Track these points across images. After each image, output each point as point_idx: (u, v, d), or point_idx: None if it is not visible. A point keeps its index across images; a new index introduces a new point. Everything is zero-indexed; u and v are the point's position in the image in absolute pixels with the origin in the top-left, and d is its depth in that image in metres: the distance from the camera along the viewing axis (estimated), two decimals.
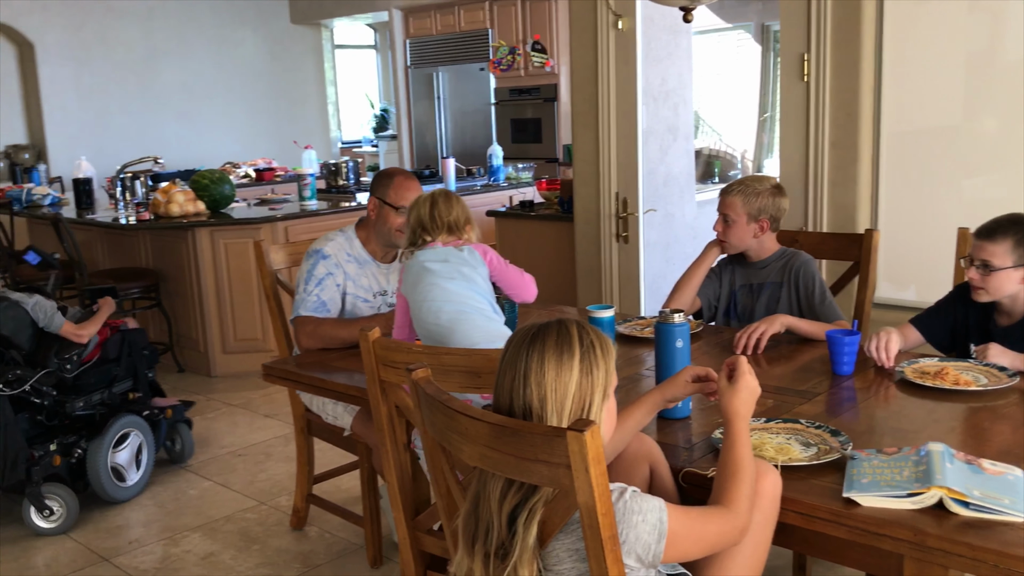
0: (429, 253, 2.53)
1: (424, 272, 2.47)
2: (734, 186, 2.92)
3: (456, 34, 8.85)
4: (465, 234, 2.62)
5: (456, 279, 2.46)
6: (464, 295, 2.43)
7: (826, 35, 3.52)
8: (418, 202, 2.60)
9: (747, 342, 2.61)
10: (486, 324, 2.39)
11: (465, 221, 2.62)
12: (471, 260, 2.56)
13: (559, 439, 1.35)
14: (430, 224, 2.57)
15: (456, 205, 2.60)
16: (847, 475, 1.73)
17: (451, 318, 2.36)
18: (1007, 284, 2.40)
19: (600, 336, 1.50)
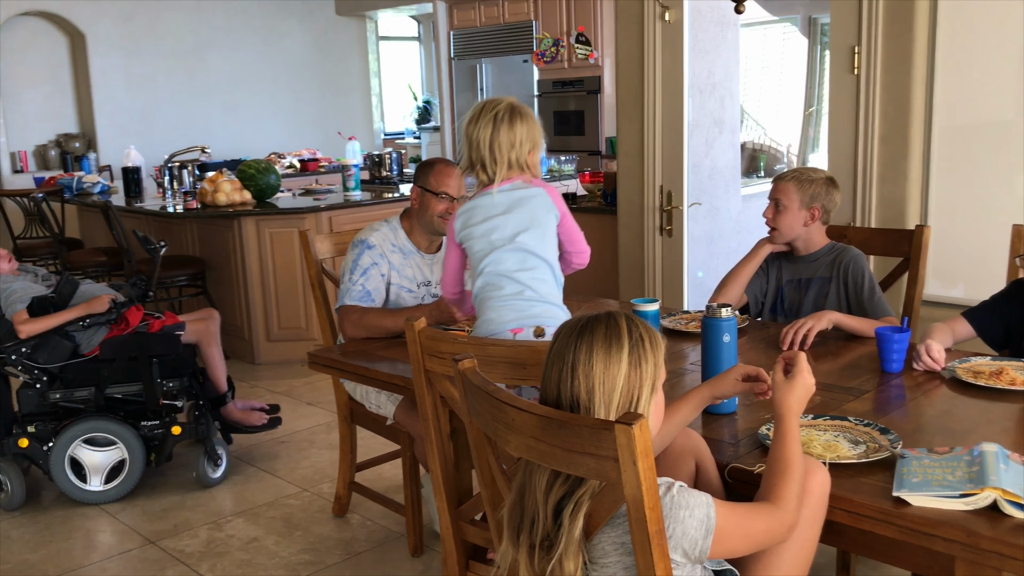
0: (485, 201, 2.34)
1: (481, 220, 2.33)
2: (788, 173, 2.89)
3: (500, 26, 8.84)
4: (530, 169, 2.36)
5: (516, 240, 2.30)
6: (523, 262, 2.30)
7: (877, 27, 3.46)
8: (479, 119, 2.33)
9: (794, 338, 2.58)
10: (521, 304, 2.28)
11: (531, 148, 2.34)
12: (539, 208, 2.33)
13: (607, 432, 1.34)
14: (488, 156, 2.32)
15: (521, 127, 2.32)
16: (897, 474, 1.70)
17: (491, 291, 2.31)
18: None
19: (649, 329, 1.49)
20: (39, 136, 8.71)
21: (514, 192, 2.35)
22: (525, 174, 2.36)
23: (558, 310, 2.34)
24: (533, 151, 2.36)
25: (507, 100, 2.36)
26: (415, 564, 3.02)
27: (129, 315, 3.67)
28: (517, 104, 2.37)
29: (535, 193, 2.36)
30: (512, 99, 2.38)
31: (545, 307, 2.31)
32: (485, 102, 2.35)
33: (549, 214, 2.36)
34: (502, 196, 2.35)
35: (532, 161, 2.36)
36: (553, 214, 2.37)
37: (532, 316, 2.28)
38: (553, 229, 2.38)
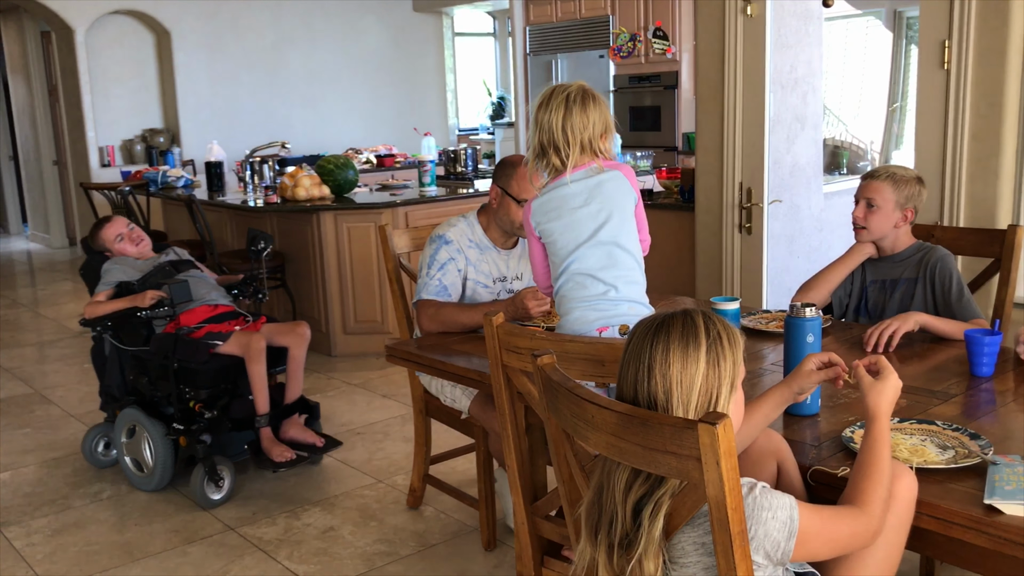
0: (561, 192, 2.30)
1: (559, 214, 2.28)
2: (880, 172, 2.81)
3: (576, 21, 8.82)
4: (603, 153, 2.29)
5: (598, 235, 2.25)
6: (607, 258, 2.26)
7: (970, 21, 3.35)
8: (549, 102, 2.28)
9: (879, 339, 2.52)
10: (605, 305, 2.25)
11: (603, 131, 2.28)
12: (617, 193, 2.27)
13: (690, 431, 1.33)
14: (561, 139, 2.26)
15: (594, 109, 2.26)
16: (988, 481, 1.65)
17: (575, 291, 2.28)
18: None
19: (727, 327, 1.47)
20: (126, 131, 9.00)
21: (590, 179, 2.30)
22: (599, 158, 2.30)
23: (643, 308, 2.31)
24: (606, 134, 2.30)
25: (578, 83, 2.31)
26: (488, 558, 3.04)
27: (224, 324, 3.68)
28: (588, 88, 2.32)
29: (612, 176, 2.30)
30: (583, 83, 2.33)
31: (629, 306, 2.29)
32: (555, 87, 2.30)
33: (627, 197, 2.31)
34: (578, 185, 2.30)
35: (605, 145, 2.30)
36: (631, 197, 2.32)
37: (617, 316, 2.27)
38: (632, 213, 2.33)
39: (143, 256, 3.90)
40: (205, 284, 3.87)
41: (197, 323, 3.65)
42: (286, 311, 5.75)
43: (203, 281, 3.89)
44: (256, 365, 3.55)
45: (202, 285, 3.84)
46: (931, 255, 2.79)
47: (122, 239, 3.86)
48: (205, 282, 3.89)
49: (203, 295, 3.79)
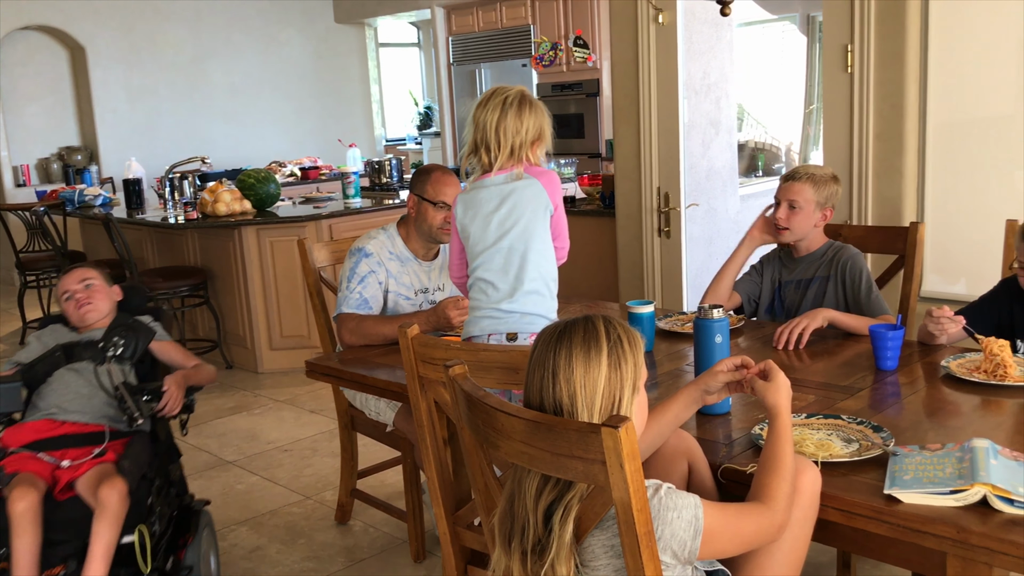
0: (482, 194, 2.30)
1: (475, 215, 2.29)
2: (799, 173, 2.87)
3: (498, 31, 8.86)
4: (530, 160, 2.28)
5: (503, 240, 2.26)
6: (509, 265, 2.27)
7: (870, 25, 3.47)
8: (487, 103, 2.28)
9: (789, 337, 2.59)
10: (500, 315, 2.26)
11: (535, 139, 2.27)
12: (531, 201, 2.26)
13: (594, 435, 1.35)
14: (492, 140, 2.25)
15: (529, 116, 2.25)
16: (889, 471, 1.71)
17: (478, 294, 2.29)
18: None
19: (628, 330, 1.50)
20: (41, 149, 8.76)
21: (507, 184, 2.29)
22: (523, 164, 2.29)
23: (539, 319, 2.30)
24: (538, 143, 2.29)
25: (519, 88, 2.30)
26: (417, 570, 3.03)
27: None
28: (528, 94, 2.31)
29: (528, 184, 2.29)
30: (523, 88, 2.32)
31: (522, 316, 2.29)
32: (496, 88, 2.30)
33: (541, 206, 2.29)
34: (496, 189, 2.30)
35: (535, 153, 2.29)
36: (546, 206, 2.29)
37: (508, 325, 2.29)
38: (545, 223, 2.31)
39: (85, 325, 2.86)
40: (77, 388, 2.71)
41: (21, 445, 2.56)
42: (210, 328, 5.67)
43: (77, 382, 2.72)
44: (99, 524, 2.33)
45: (71, 388, 2.71)
46: (842, 254, 2.88)
47: (68, 298, 2.86)
48: (79, 385, 2.72)
49: (59, 403, 2.68)
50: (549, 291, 2.34)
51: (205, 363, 2.97)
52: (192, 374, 2.86)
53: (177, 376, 2.78)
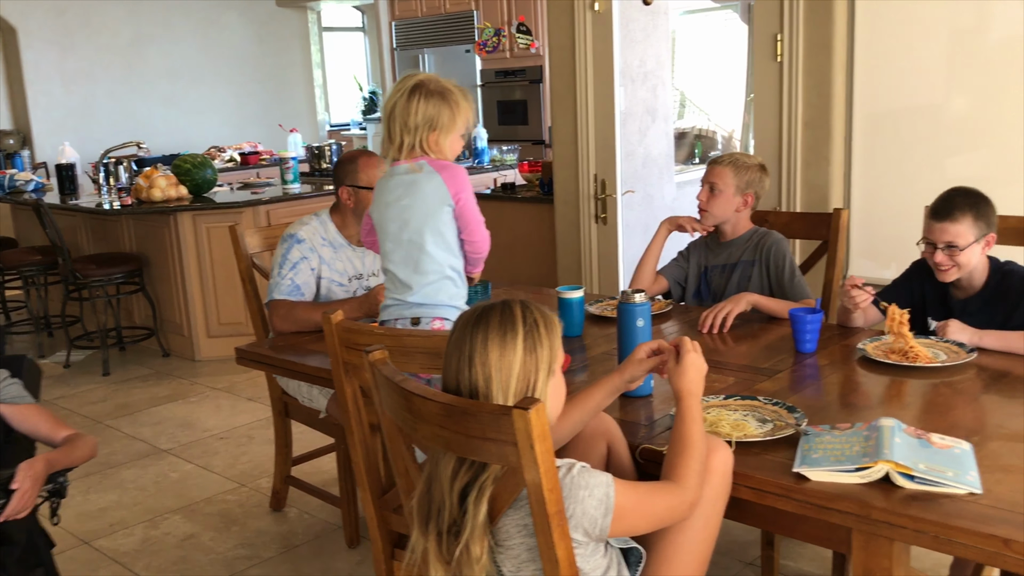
0: (389, 183, 2.29)
1: (382, 205, 2.29)
2: (724, 158, 2.95)
3: (441, 16, 8.83)
4: (432, 150, 2.23)
5: (402, 233, 2.26)
6: (407, 257, 2.28)
7: (798, 15, 3.53)
8: (394, 92, 2.24)
9: (713, 321, 2.65)
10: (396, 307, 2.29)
11: (433, 129, 2.21)
12: (429, 195, 2.23)
13: (506, 417, 1.38)
14: (394, 129, 2.22)
15: (425, 105, 2.20)
16: (799, 450, 1.76)
17: (387, 283, 2.32)
18: (974, 257, 2.43)
19: (544, 314, 1.53)
20: None
21: (408, 175, 2.28)
22: (428, 156, 2.27)
23: (439, 307, 2.31)
24: (437, 133, 2.24)
25: (422, 76, 2.26)
26: (351, 555, 3.04)
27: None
28: (430, 82, 2.25)
29: (428, 177, 2.25)
30: (428, 76, 2.27)
31: (421, 308, 2.31)
32: (407, 75, 2.29)
33: (440, 200, 2.26)
34: (399, 180, 2.29)
35: (435, 143, 2.25)
36: (445, 202, 2.26)
37: (404, 319, 2.31)
38: (445, 218, 2.28)
39: None
40: None
41: None
42: (147, 317, 5.59)
43: None
44: None
45: None
46: (767, 239, 2.94)
47: None
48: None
49: None
50: (453, 281, 2.34)
51: (83, 435, 2.25)
52: (61, 456, 2.14)
53: (37, 464, 2.05)
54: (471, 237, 2.34)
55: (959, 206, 2.39)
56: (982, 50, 3.30)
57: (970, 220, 2.39)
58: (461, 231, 2.34)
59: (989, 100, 3.30)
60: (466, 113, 2.28)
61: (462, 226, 2.33)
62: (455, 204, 2.28)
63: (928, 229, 2.45)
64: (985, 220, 2.41)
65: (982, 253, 2.43)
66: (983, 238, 2.41)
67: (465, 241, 2.35)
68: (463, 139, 2.33)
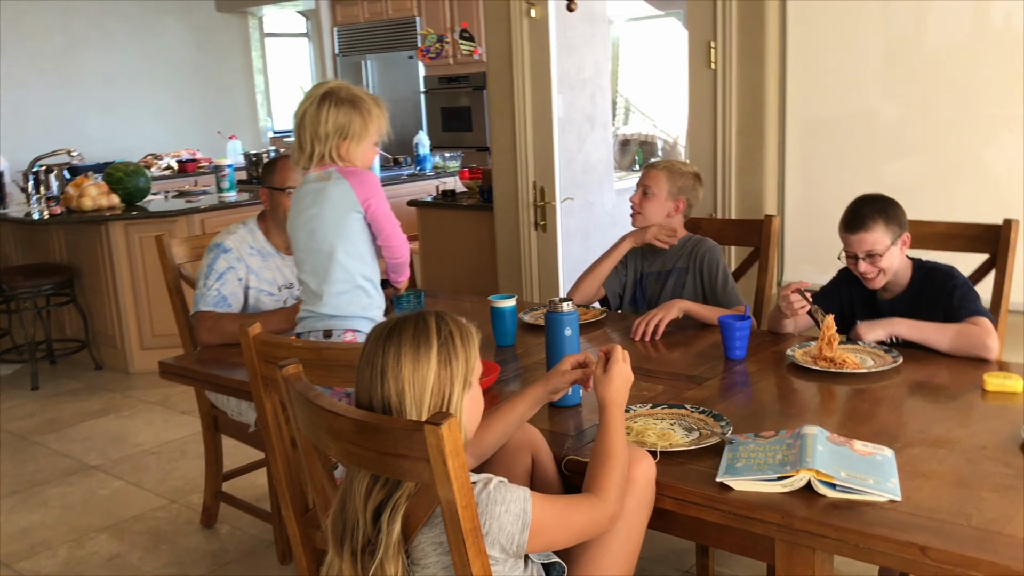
0: (300, 191, 2.26)
1: (295, 213, 2.27)
2: (660, 162, 2.98)
3: (384, 21, 8.77)
4: (342, 159, 2.19)
5: (312, 243, 2.23)
6: (317, 267, 2.25)
7: (731, 23, 3.55)
8: (304, 99, 2.23)
9: (645, 329, 2.64)
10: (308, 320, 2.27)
11: (344, 138, 2.18)
12: (338, 202, 2.19)
13: (418, 433, 1.34)
14: (304, 138, 2.19)
15: (335, 113, 2.17)
16: (724, 459, 1.75)
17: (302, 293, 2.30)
18: (895, 260, 2.46)
19: (461, 326, 1.49)
20: None
21: (319, 183, 2.25)
22: (337, 164, 2.24)
23: (350, 319, 2.28)
24: (348, 141, 2.21)
25: (333, 84, 2.24)
26: (283, 572, 2.97)
27: None
28: (340, 89, 2.23)
29: (336, 184, 2.22)
30: (340, 84, 2.25)
31: (332, 320, 2.27)
32: (318, 83, 2.27)
33: (349, 208, 2.23)
34: (309, 188, 2.27)
35: (346, 151, 2.22)
36: (354, 209, 2.23)
37: (316, 332, 2.28)
38: (354, 226, 2.25)
39: None
40: None
41: None
42: (78, 329, 5.44)
43: None
44: None
45: None
46: (700, 246, 2.95)
47: None
48: None
49: None
50: (365, 291, 2.30)
51: None
52: None
53: None
54: (388, 243, 2.31)
55: (868, 214, 2.42)
56: (916, 58, 3.34)
57: (882, 225, 2.42)
58: (376, 237, 2.31)
59: (922, 107, 3.34)
60: (378, 121, 2.25)
61: (376, 232, 2.30)
62: (365, 210, 2.24)
63: (845, 243, 2.48)
64: (896, 222, 2.44)
65: (901, 253, 2.47)
66: (898, 239, 2.44)
67: (383, 247, 2.32)
68: (376, 148, 2.30)
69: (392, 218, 2.30)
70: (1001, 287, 2.65)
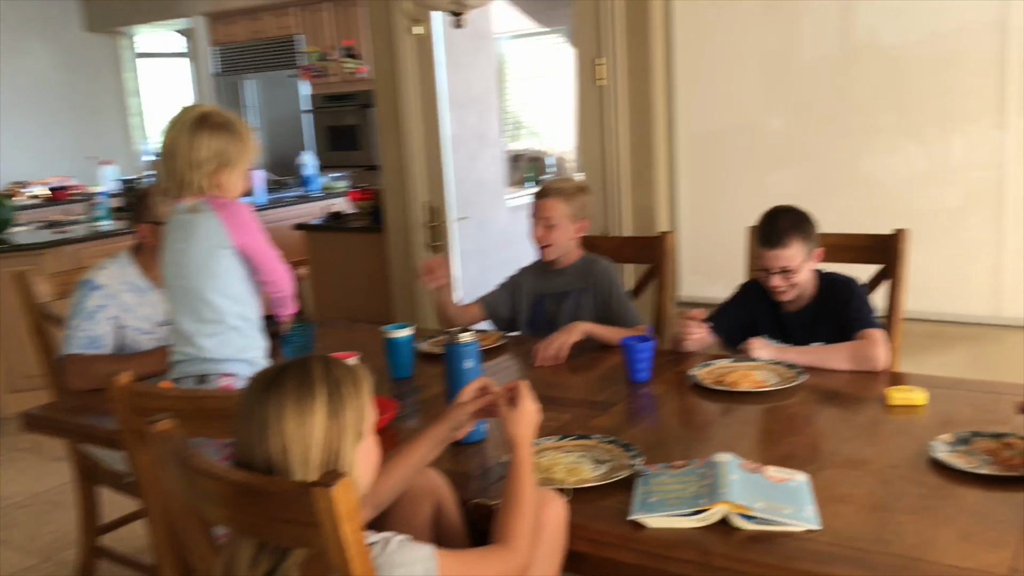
0: (171, 222, 2.11)
1: (165, 247, 2.11)
2: (549, 189, 2.87)
3: (264, 40, 8.52)
4: (216, 188, 2.04)
5: (181, 282, 2.07)
6: (187, 308, 2.09)
7: (615, 39, 3.52)
8: (172, 125, 2.05)
9: (546, 354, 2.55)
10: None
11: (219, 165, 2.02)
12: (205, 236, 2.04)
13: (306, 496, 1.21)
14: (174, 167, 2.01)
15: (209, 139, 2.02)
16: (635, 494, 1.67)
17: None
18: (806, 274, 2.45)
19: (350, 371, 1.36)
20: None
21: (187, 216, 2.09)
22: (209, 194, 2.08)
23: (227, 363, 2.13)
24: (226, 169, 2.07)
25: (206, 108, 2.08)
26: None
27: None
28: (216, 114, 2.08)
29: (205, 218, 2.07)
30: (212, 108, 2.10)
31: (204, 364, 2.12)
32: (185, 107, 2.10)
33: (217, 245, 2.07)
34: (179, 220, 2.11)
35: (221, 180, 2.07)
36: (223, 244, 2.07)
37: (188, 376, 2.12)
38: (225, 263, 2.09)
39: None
40: None
41: None
42: None
43: None
44: None
45: None
46: (595, 266, 2.88)
47: None
48: None
49: None
50: (240, 331, 2.15)
51: None
52: None
53: None
54: (268, 277, 2.16)
55: (786, 231, 2.40)
56: (793, 71, 3.37)
57: (799, 242, 2.41)
58: (255, 273, 2.15)
59: (802, 118, 3.38)
60: (252, 148, 2.12)
61: (255, 268, 2.15)
62: (239, 248, 2.09)
63: (760, 257, 2.45)
64: (812, 238, 2.45)
65: (811, 267, 2.46)
66: (811, 254, 2.44)
67: (263, 282, 2.17)
68: (249, 175, 2.15)
69: (269, 250, 2.15)
70: (896, 297, 2.66)
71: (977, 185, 3.11)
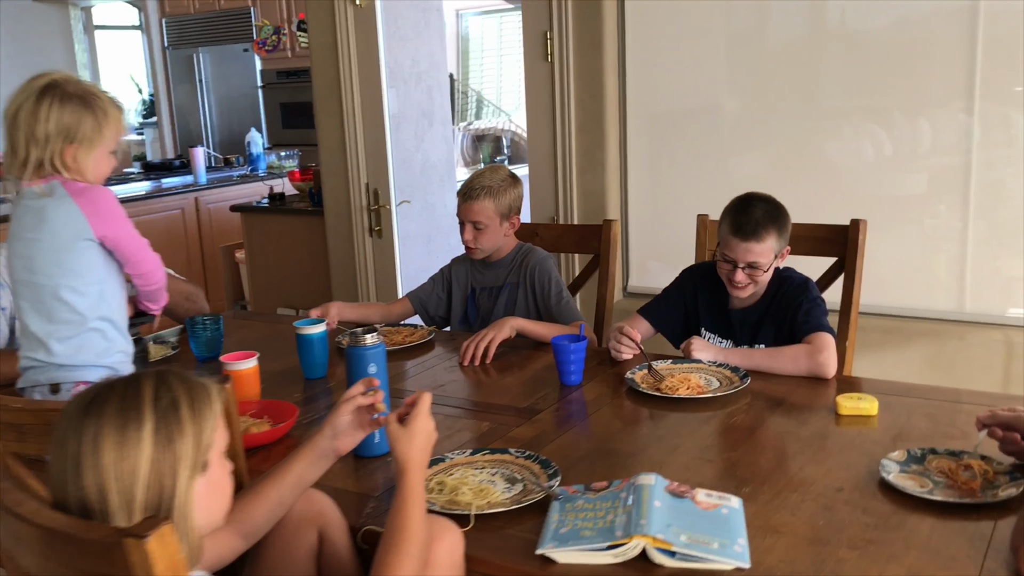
0: (18, 207, 1.88)
1: (11, 235, 1.89)
2: (476, 190, 2.60)
3: (216, 12, 8.21)
4: (69, 170, 1.83)
5: (32, 278, 1.85)
6: (39, 307, 1.87)
7: (567, 12, 3.30)
8: (21, 91, 1.86)
9: (474, 352, 2.34)
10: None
11: (70, 143, 1.80)
12: (61, 225, 1.83)
13: (116, 548, 0.99)
14: (12, 140, 1.80)
15: (60, 109, 1.81)
16: (546, 523, 1.47)
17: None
18: (771, 273, 2.26)
19: (191, 390, 1.13)
20: None
21: (39, 201, 1.86)
22: (61, 176, 1.86)
23: (83, 369, 1.92)
24: (76, 146, 1.83)
25: (57, 75, 1.86)
26: None
27: None
28: (67, 83, 1.86)
29: (60, 204, 1.85)
30: (66, 76, 1.88)
31: (60, 368, 1.90)
32: (38, 74, 1.87)
33: (75, 237, 1.87)
34: (29, 205, 1.88)
35: (72, 159, 1.84)
36: (83, 236, 1.87)
37: (40, 385, 1.90)
38: (84, 257, 1.89)
39: None
40: None
41: None
42: None
43: None
44: None
45: None
46: (530, 258, 2.68)
47: None
48: None
49: None
50: (101, 332, 1.93)
51: None
52: None
53: None
54: (137, 270, 1.96)
55: (763, 223, 2.19)
56: (758, 52, 3.17)
57: (774, 238, 2.21)
58: (124, 266, 1.94)
59: (765, 101, 3.18)
60: (116, 124, 1.87)
61: (122, 261, 1.93)
62: (101, 239, 1.88)
63: (729, 245, 2.22)
64: (785, 235, 2.26)
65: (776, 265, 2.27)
66: (780, 252, 2.25)
67: (132, 275, 1.95)
68: (113, 157, 1.92)
69: (138, 240, 1.94)
70: (851, 291, 2.48)
71: (943, 171, 2.93)
